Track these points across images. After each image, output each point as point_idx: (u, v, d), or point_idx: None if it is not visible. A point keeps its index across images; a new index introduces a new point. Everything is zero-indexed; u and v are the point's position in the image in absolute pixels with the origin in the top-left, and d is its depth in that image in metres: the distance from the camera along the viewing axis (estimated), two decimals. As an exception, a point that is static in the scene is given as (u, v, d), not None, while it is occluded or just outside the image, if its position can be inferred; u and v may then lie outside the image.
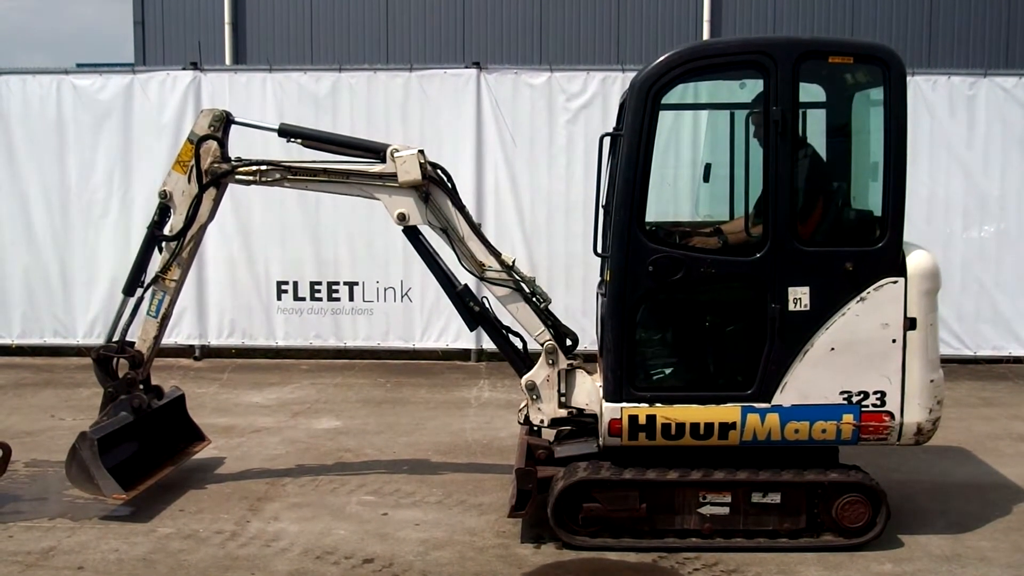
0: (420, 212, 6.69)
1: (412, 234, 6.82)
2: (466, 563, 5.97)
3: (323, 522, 6.64)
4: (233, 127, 7.10)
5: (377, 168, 6.71)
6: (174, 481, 7.41)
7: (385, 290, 11.97)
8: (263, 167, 6.90)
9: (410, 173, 6.58)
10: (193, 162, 6.89)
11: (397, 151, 6.62)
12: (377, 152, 6.76)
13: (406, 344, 12.08)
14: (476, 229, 6.74)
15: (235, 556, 6.06)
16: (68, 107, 11.96)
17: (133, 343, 7.19)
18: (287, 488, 7.35)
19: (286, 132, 7.01)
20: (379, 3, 16.59)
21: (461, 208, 6.72)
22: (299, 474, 7.68)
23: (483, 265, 6.63)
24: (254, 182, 6.97)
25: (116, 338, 7.16)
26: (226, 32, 16.67)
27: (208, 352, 12.29)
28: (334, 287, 12.02)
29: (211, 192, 6.98)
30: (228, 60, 16.48)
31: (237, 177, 6.96)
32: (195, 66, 11.92)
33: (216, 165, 6.91)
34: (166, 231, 7.07)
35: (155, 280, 7.10)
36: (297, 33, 16.72)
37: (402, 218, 6.71)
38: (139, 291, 7.21)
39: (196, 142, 6.89)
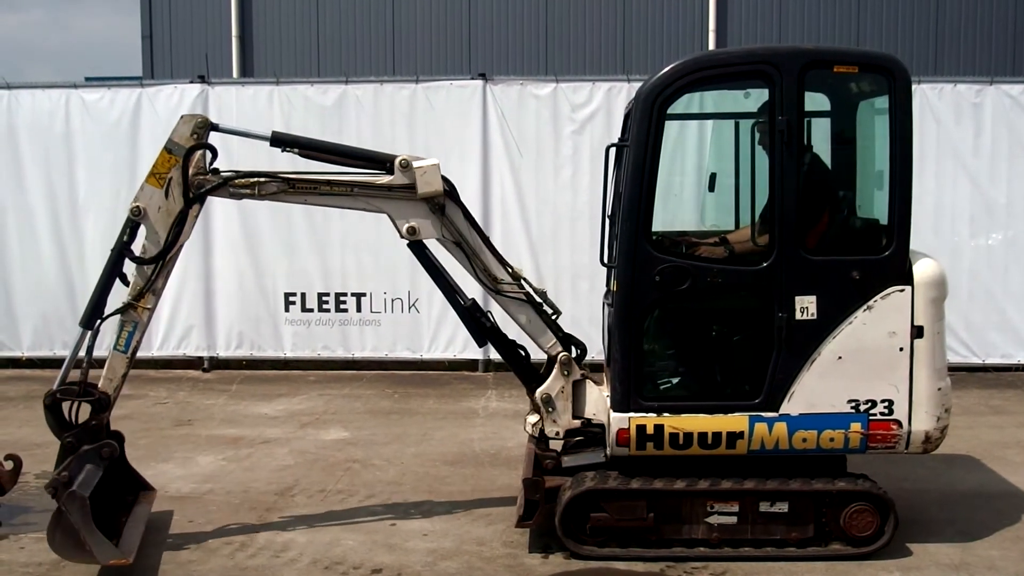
0: (432, 225, 6.35)
1: (418, 248, 6.48)
2: (474, 573, 5.97)
3: (332, 532, 6.65)
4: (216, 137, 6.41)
5: (385, 179, 6.30)
6: (181, 492, 7.43)
7: (392, 301, 11.99)
8: (261, 179, 6.27)
9: (431, 184, 6.23)
10: (177, 174, 6.14)
11: (408, 161, 6.25)
12: (382, 163, 6.35)
13: (414, 355, 12.10)
14: (488, 241, 6.53)
15: (244, 567, 6.08)
16: (76, 121, 12.03)
17: (89, 383, 6.24)
18: (295, 499, 7.36)
19: (280, 141, 6.34)
20: (385, 15, 16.65)
21: (472, 220, 6.50)
22: (307, 485, 7.69)
23: (497, 278, 6.46)
24: (250, 196, 6.31)
25: (70, 378, 6.26)
26: (233, 45, 16.75)
27: (217, 364, 12.33)
28: (342, 298, 12.05)
29: (194, 208, 6.26)
30: (235, 73, 16.56)
31: (231, 191, 6.28)
32: (203, 79, 11.99)
33: (202, 177, 6.23)
34: (137, 253, 6.26)
35: (124, 310, 6.26)
36: (304, 46, 16.79)
37: (412, 232, 6.35)
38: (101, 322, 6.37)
39: (185, 153, 6.13)
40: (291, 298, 12.09)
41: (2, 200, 12.17)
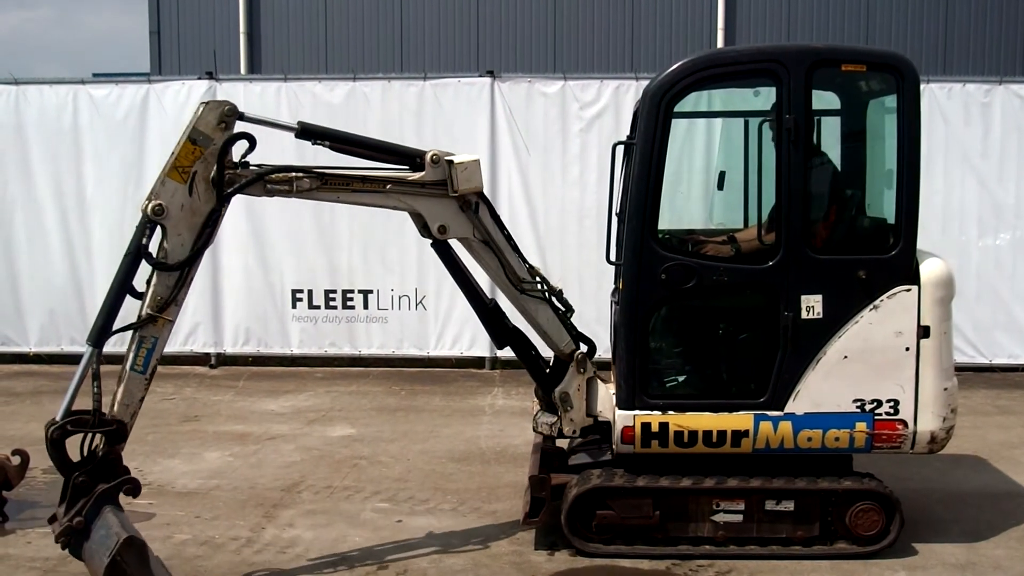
0: (463, 224, 6.02)
1: (443, 248, 6.14)
2: (480, 570, 5.98)
3: (338, 529, 6.67)
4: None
5: (416, 175, 5.90)
6: (188, 488, 7.45)
7: (399, 298, 12.00)
8: (299, 175, 5.68)
9: (471, 181, 5.92)
10: (202, 168, 5.46)
11: (439, 156, 5.91)
12: (412, 158, 5.95)
13: (420, 352, 12.11)
14: (511, 239, 6.29)
15: (251, 562, 6.09)
16: (84, 117, 12.04)
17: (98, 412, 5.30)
18: (302, 495, 7.38)
19: (309, 132, 5.79)
20: (393, 12, 16.66)
21: (498, 218, 6.22)
22: (314, 481, 7.71)
23: (520, 278, 6.28)
24: (286, 192, 5.68)
25: (76, 405, 5.34)
26: (241, 42, 16.77)
27: (224, 360, 12.34)
28: (348, 295, 12.06)
29: (223, 207, 5.61)
30: (243, 69, 16.56)
31: (268, 187, 5.64)
32: (210, 75, 12.00)
33: (232, 172, 5.56)
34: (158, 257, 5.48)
35: (144, 323, 5.41)
36: (312, 42, 16.81)
37: (443, 231, 5.99)
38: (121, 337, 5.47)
39: (223, 143, 5.50)
40: (298, 295, 12.11)
41: (10, 196, 12.20)
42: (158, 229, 5.49)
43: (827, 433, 5.99)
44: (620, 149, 6.28)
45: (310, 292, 12.10)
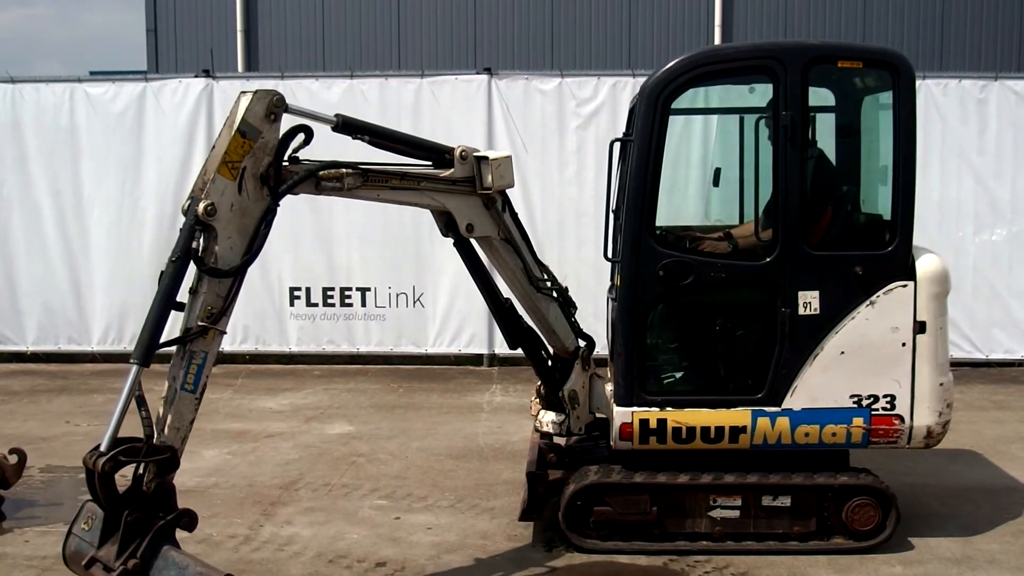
0: (488, 222, 5.90)
1: (466, 247, 6.01)
2: (478, 566, 6.00)
3: (336, 526, 6.67)
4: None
5: (446, 172, 5.71)
6: (186, 486, 7.46)
7: (397, 295, 12.01)
8: (348, 171, 5.31)
9: (504, 178, 5.75)
10: (252, 163, 5.00)
11: (467, 152, 5.74)
12: (441, 153, 5.77)
13: (418, 349, 12.12)
14: (527, 238, 6.22)
15: (248, 560, 6.10)
16: (81, 115, 12.05)
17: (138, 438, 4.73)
18: (300, 493, 7.39)
19: (350, 126, 5.49)
20: (391, 9, 16.66)
21: (516, 217, 6.14)
22: (312, 479, 7.71)
23: (535, 276, 6.25)
24: (336, 190, 5.31)
25: (119, 431, 4.71)
26: (238, 39, 16.76)
27: (222, 358, 12.25)
28: (346, 293, 12.07)
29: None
30: (240, 67, 16.57)
31: (322, 184, 5.26)
32: (207, 73, 12.00)
33: (285, 168, 5.15)
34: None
35: (192, 337, 5.03)
36: (309, 40, 16.80)
37: (469, 229, 5.84)
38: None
39: (282, 138, 5.08)
40: (296, 292, 12.11)
41: (7, 194, 12.21)
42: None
43: (824, 428, 6.00)
44: (617, 146, 6.29)
45: (308, 290, 12.10)
